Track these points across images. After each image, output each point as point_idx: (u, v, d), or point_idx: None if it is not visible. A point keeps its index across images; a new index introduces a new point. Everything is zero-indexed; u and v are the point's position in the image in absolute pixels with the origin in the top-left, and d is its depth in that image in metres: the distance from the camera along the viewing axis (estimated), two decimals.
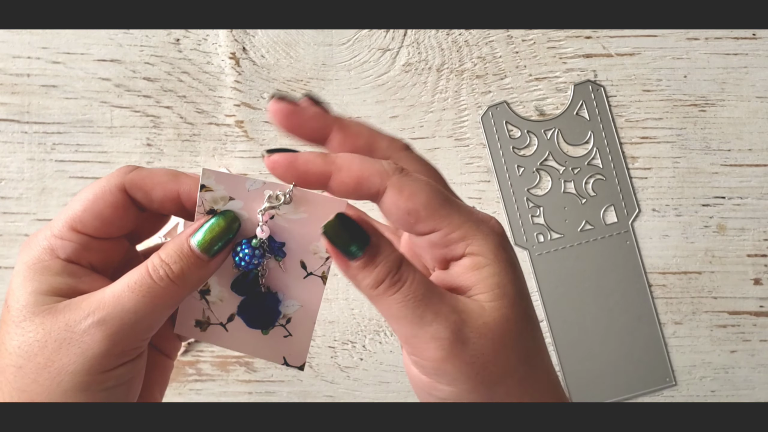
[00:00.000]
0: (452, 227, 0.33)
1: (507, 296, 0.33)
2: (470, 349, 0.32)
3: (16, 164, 0.60)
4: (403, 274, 0.33)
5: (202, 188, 0.35)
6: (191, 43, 0.61)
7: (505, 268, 0.34)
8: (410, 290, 0.32)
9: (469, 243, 0.34)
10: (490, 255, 0.33)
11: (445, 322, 0.32)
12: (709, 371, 0.63)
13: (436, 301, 0.32)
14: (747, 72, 0.63)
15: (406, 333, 0.33)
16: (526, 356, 0.33)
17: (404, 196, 0.33)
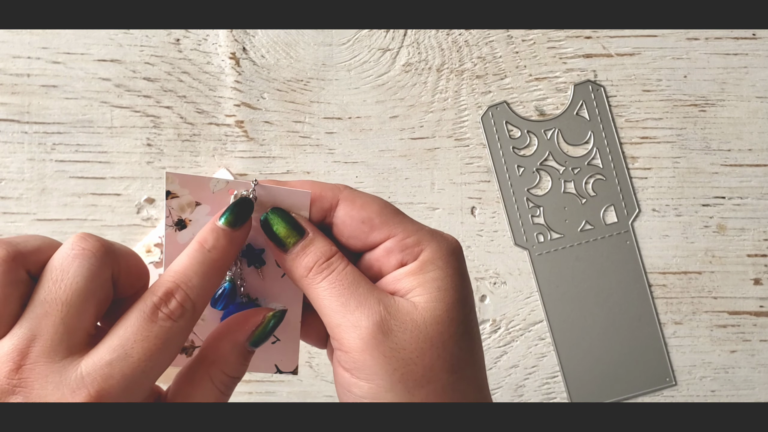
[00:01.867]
0: (407, 233, 0.34)
1: (445, 300, 0.33)
2: (391, 341, 0.32)
3: (16, 164, 0.60)
4: (333, 263, 0.33)
5: (168, 195, 0.35)
6: (191, 43, 0.61)
7: (452, 275, 0.34)
8: (338, 278, 0.33)
9: (422, 249, 0.34)
10: (439, 262, 0.34)
11: (368, 311, 0.32)
12: (709, 371, 0.63)
13: (363, 291, 0.33)
14: (747, 72, 0.63)
15: (331, 322, 0.33)
16: (455, 365, 0.33)
17: (357, 206, 0.34)
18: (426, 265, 0.34)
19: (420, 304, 0.33)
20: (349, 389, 0.33)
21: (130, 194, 0.60)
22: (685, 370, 0.62)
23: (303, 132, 0.62)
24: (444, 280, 0.34)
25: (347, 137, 0.62)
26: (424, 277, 0.34)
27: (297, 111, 0.61)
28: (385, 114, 0.62)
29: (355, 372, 0.32)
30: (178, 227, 0.35)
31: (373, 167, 0.62)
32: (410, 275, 0.34)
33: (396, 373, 0.32)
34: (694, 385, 0.62)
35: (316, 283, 0.33)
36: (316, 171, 0.61)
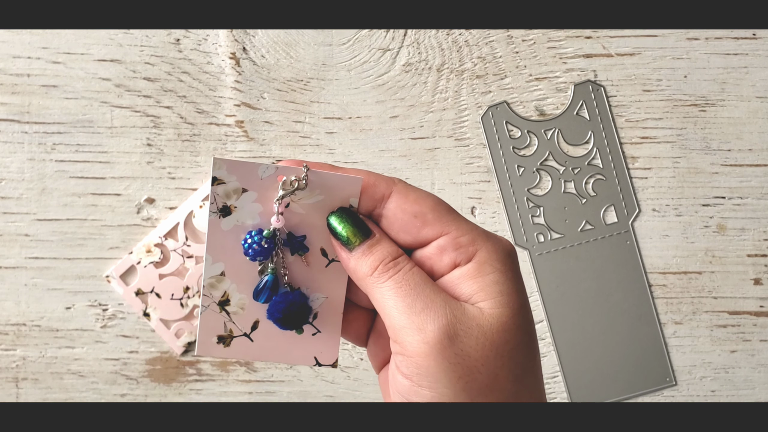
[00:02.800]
0: (461, 231, 0.33)
1: (510, 306, 0.32)
2: (457, 347, 0.31)
3: (17, 164, 0.60)
4: (400, 262, 0.33)
5: (214, 181, 0.34)
6: (191, 43, 0.61)
7: (512, 278, 0.33)
8: (404, 278, 0.32)
9: (477, 249, 0.33)
10: (497, 264, 0.33)
11: (434, 314, 0.31)
12: (709, 371, 0.63)
13: (430, 293, 0.32)
14: (747, 72, 0.63)
15: (394, 324, 0.32)
16: (519, 374, 0.32)
17: (410, 200, 0.33)
18: (483, 267, 0.33)
19: (485, 309, 0.32)
20: (409, 397, 0.32)
21: (130, 194, 0.60)
22: (685, 370, 0.62)
23: (303, 132, 0.62)
24: (505, 284, 0.32)
25: (347, 137, 0.62)
26: (484, 281, 0.32)
27: (297, 111, 0.61)
28: (385, 114, 0.62)
29: (416, 379, 0.31)
30: (222, 214, 0.34)
31: (373, 167, 0.62)
32: (469, 278, 0.33)
33: (460, 382, 0.31)
34: (695, 385, 0.62)
35: (381, 282, 0.32)
36: None
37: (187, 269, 0.59)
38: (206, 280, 0.35)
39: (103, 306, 0.61)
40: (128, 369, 0.61)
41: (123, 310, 0.61)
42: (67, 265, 0.60)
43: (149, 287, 0.60)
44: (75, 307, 0.60)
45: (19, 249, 0.60)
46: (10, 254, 0.60)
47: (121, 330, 0.61)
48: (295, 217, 0.34)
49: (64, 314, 0.60)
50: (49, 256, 0.60)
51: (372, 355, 0.37)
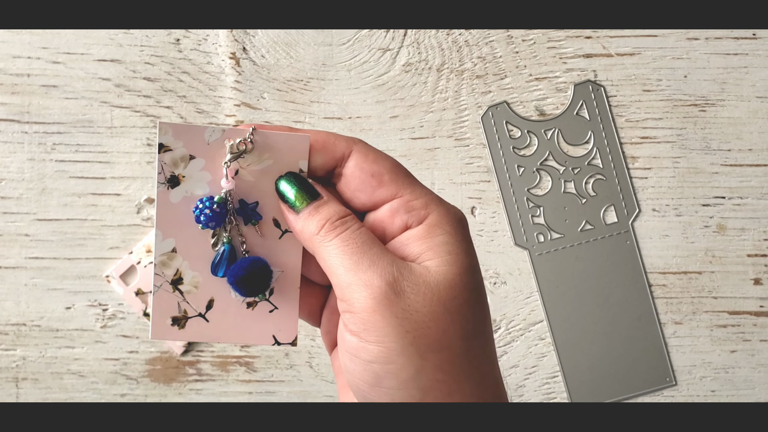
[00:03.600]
0: (415, 195, 0.33)
1: (457, 264, 0.32)
2: (404, 302, 0.31)
3: (17, 164, 0.60)
4: (348, 221, 0.33)
5: (161, 148, 0.33)
6: (191, 43, 0.61)
7: (461, 241, 0.33)
8: (351, 236, 0.32)
9: (429, 212, 0.33)
10: (447, 227, 0.33)
11: (381, 271, 0.31)
12: (709, 371, 0.63)
13: (377, 251, 0.32)
14: (747, 72, 0.63)
15: (341, 282, 0.32)
16: (469, 331, 0.31)
17: (369, 160, 0.34)
18: (434, 229, 0.33)
19: (432, 267, 0.32)
20: (357, 354, 0.32)
21: (130, 194, 0.60)
22: (685, 370, 0.62)
23: None
24: (453, 245, 0.32)
25: None
26: (433, 242, 0.32)
27: (297, 111, 0.61)
28: (385, 114, 0.62)
29: (364, 335, 0.31)
30: (170, 185, 0.33)
31: None
32: (419, 239, 0.33)
33: (408, 336, 0.30)
34: (695, 385, 0.62)
35: (328, 240, 0.32)
36: None
37: None
38: (157, 258, 0.33)
39: (103, 306, 0.61)
40: (128, 369, 0.61)
41: (123, 310, 0.61)
42: (67, 265, 0.60)
43: (149, 287, 0.60)
44: (75, 307, 0.60)
45: (19, 249, 0.60)
46: (10, 254, 0.60)
47: (121, 330, 0.61)
48: (246, 185, 0.34)
49: (64, 314, 0.60)
50: (49, 256, 0.60)
51: (325, 333, 0.37)
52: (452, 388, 0.31)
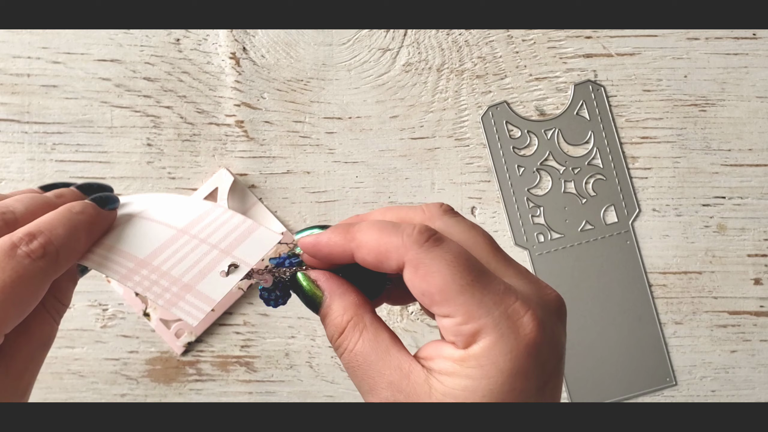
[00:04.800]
0: (467, 318, 0.30)
1: (466, 395, 0.30)
2: None
3: (17, 164, 0.60)
4: (343, 342, 0.32)
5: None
6: (191, 43, 0.61)
7: (492, 376, 0.30)
8: (348, 358, 0.32)
9: (477, 340, 0.30)
10: (483, 360, 0.30)
11: (375, 398, 0.31)
12: (710, 371, 0.63)
13: (374, 373, 0.31)
14: (747, 72, 0.63)
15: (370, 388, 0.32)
16: None
17: (419, 276, 0.30)
18: (469, 359, 0.30)
19: (436, 389, 0.30)
20: None
21: (130, 194, 0.60)
22: (685, 370, 0.62)
23: (303, 132, 0.61)
24: (477, 381, 0.30)
25: (347, 137, 0.62)
26: (462, 370, 0.30)
27: (297, 111, 0.61)
28: (385, 114, 0.62)
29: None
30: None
31: (373, 167, 0.61)
32: (453, 361, 0.30)
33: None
34: (695, 385, 0.62)
35: (339, 354, 0.33)
36: (316, 171, 0.61)
37: None
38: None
39: (103, 306, 0.61)
40: (128, 369, 0.61)
41: (123, 310, 0.61)
42: None
43: None
44: (75, 307, 0.60)
45: None
46: None
47: (121, 330, 0.60)
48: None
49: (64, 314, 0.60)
50: None
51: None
52: None
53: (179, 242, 0.35)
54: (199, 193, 0.60)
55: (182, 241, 0.35)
